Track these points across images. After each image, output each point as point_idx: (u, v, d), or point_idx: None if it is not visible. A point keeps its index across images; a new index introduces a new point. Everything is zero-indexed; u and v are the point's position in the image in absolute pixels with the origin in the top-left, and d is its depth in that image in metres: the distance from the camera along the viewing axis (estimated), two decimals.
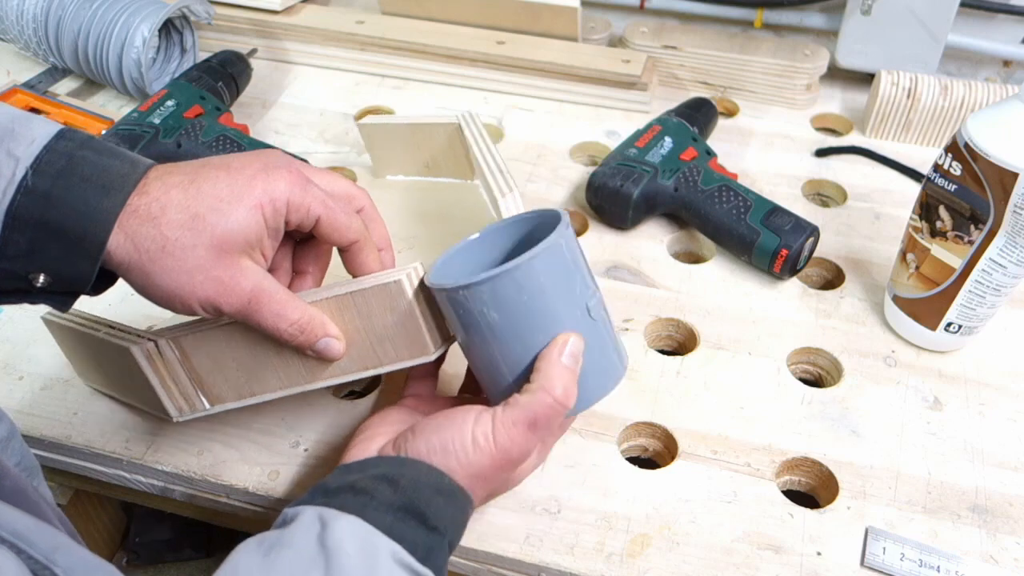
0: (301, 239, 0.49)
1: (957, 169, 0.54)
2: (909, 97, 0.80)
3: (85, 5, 0.82)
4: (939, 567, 0.48)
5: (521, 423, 0.42)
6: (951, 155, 0.54)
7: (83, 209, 0.39)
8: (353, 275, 0.47)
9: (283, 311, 0.43)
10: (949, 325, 0.59)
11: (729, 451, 0.54)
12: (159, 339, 0.48)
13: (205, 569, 0.88)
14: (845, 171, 0.80)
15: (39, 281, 0.40)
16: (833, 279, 0.70)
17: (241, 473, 0.53)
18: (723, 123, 0.86)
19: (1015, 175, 0.50)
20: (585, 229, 0.73)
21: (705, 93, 0.90)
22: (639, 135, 0.74)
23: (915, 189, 0.74)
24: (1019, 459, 0.54)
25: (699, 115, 0.78)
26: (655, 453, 0.57)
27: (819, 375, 0.62)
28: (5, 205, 0.39)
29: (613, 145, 0.78)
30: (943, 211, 0.56)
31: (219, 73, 0.81)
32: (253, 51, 0.91)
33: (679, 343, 0.64)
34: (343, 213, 0.45)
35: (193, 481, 0.54)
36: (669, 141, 0.72)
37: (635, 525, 0.50)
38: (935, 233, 0.57)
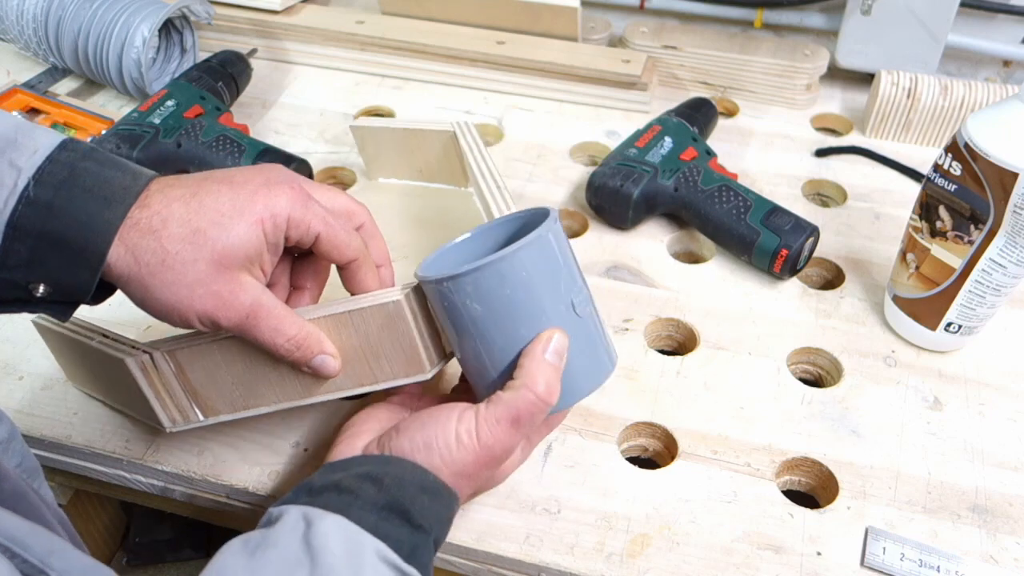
0: (300, 255, 0.49)
1: (957, 169, 0.54)
2: (909, 97, 0.80)
3: (85, 5, 0.82)
4: (939, 567, 0.48)
5: (504, 420, 0.42)
6: (951, 155, 0.54)
7: (84, 220, 0.39)
8: (351, 293, 0.47)
9: (281, 326, 0.43)
10: (949, 325, 0.59)
11: (729, 451, 0.54)
12: (154, 351, 0.47)
13: None
14: (845, 171, 0.80)
15: (39, 291, 0.40)
16: (833, 279, 0.70)
17: (241, 473, 0.53)
18: (723, 123, 0.86)
19: (1015, 175, 0.50)
20: (585, 229, 0.73)
21: (705, 93, 0.90)
22: (639, 135, 0.74)
23: (915, 189, 0.74)
24: (1019, 459, 0.54)
25: (699, 115, 0.78)
26: (655, 453, 0.57)
27: (819, 375, 0.62)
28: (7, 215, 0.39)
29: (613, 145, 0.78)
30: (943, 211, 0.56)
31: (219, 73, 0.81)
32: (253, 51, 0.91)
33: (679, 343, 0.64)
34: (343, 231, 0.45)
35: (193, 481, 0.54)
36: (669, 141, 0.72)
37: (635, 525, 0.50)
38: (935, 233, 0.57)
